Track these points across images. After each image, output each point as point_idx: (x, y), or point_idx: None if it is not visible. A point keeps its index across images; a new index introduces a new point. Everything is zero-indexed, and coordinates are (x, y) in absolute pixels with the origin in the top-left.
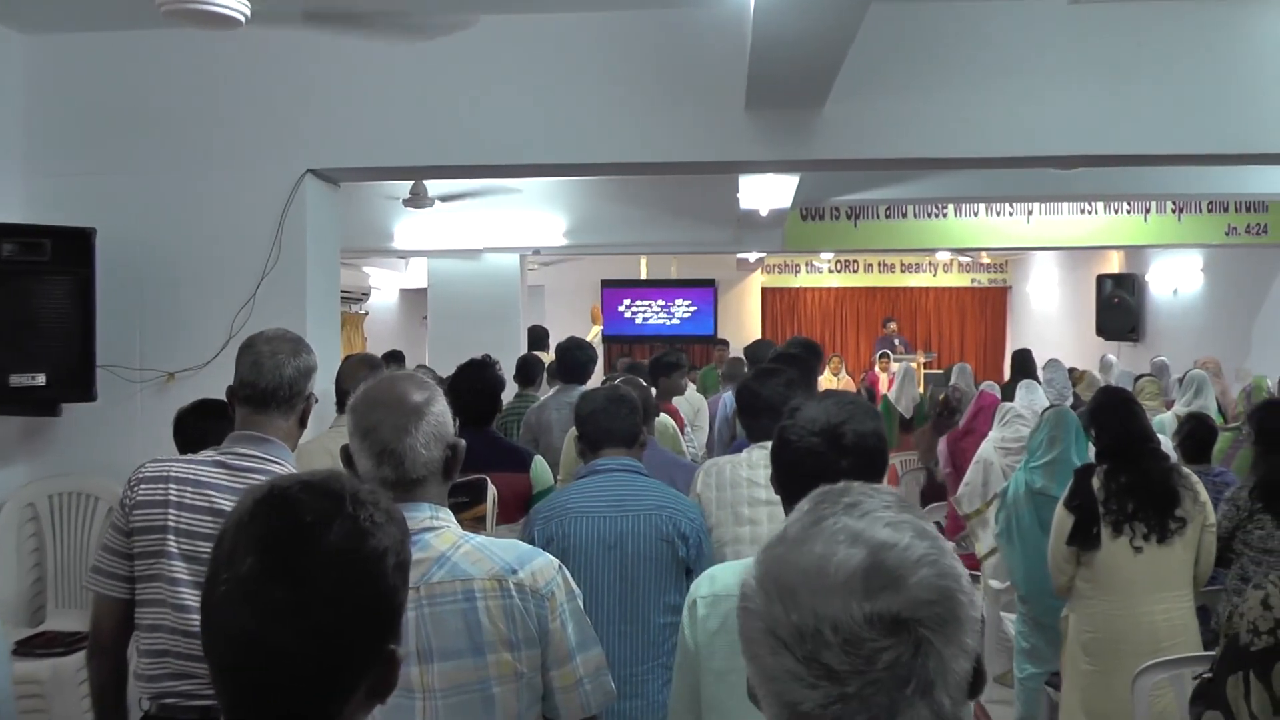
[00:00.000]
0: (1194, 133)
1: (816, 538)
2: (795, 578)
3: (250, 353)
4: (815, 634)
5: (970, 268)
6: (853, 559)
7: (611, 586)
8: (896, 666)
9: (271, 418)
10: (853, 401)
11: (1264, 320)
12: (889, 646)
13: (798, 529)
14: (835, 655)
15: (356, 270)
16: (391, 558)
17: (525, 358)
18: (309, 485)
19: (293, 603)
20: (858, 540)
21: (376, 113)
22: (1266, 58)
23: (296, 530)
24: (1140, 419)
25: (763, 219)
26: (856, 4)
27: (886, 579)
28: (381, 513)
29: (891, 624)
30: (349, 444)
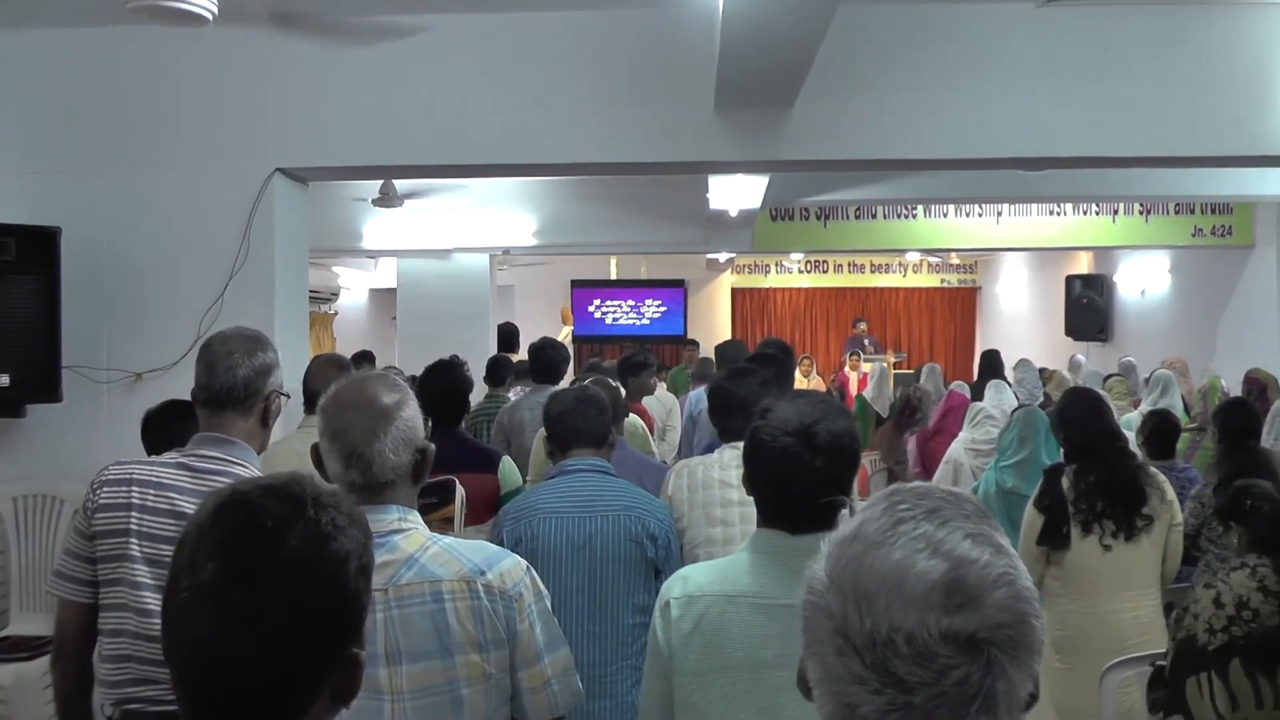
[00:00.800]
0: (1160, 135)
1: (895, 542)
2: (872, 584)
3: (206, 354)
4: (888, 643)
5: (940, 268)
6: (933, 571)
7: (580, 587)
8: (965, 684)
9: (230, 419)
10: (824, 401)
11: (1229, 320)
12: (960, 664)
13: (875, 530)
14: (905, 665)
15: (325, 270)
16: (354, 561)
17: (494, 358)
18: (270, 489)
19: (254, 608)
20: (938, 551)
21: (345, 112)
22: (1232, 62)
23: (257, 535)
24: (1108, 419)
25: (732, 219)
26: (825, 5)
27: (965, 597)
28: (344, 516)
29: (966, 643)
30: (319, 444)
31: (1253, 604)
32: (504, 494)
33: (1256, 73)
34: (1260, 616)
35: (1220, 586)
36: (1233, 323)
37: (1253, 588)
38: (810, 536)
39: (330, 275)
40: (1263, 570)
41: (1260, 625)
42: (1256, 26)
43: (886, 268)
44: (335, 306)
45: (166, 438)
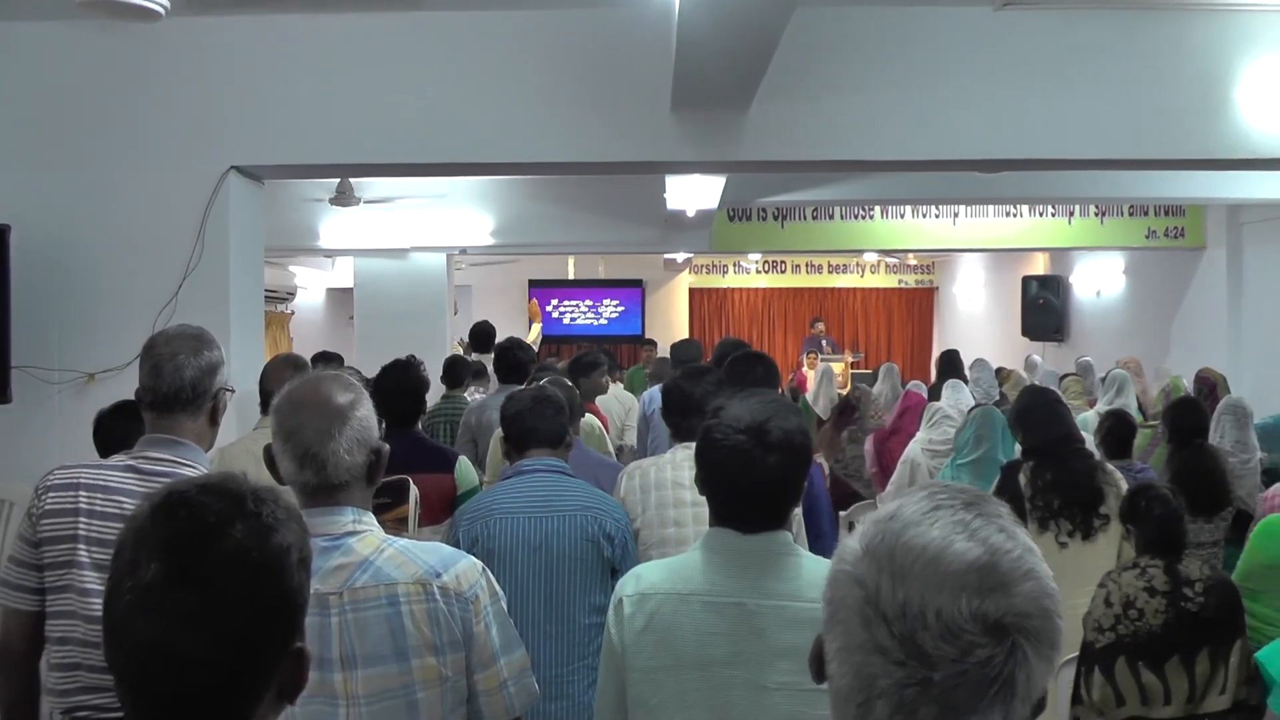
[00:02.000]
0: (1115, 138)
1: (934, 522)
2: (910, 557)
3: (150, 356)
4: (919, 615)
5: (897, 269)
6: (970, 552)
7: (536, 587)
8: (988, 666)
9: (178, 420)
10: (775, 399)
11: (1182, 320)
12: (985, 645)
13: (914, 511)
14: (932, 640)
15: (282, 269)
16: (295, 554)
17: (451, 358)
18: (207, 487)
19: (200, 607)
20: (974, 536)
21: (300, 110)
22: (1185, 67)
23: (199, 533)
24: (1065, 419)
25: (690, 219)
26: (782, 7)
27: (998, 581)
28: (282, 509)
29: (993, 626)
30: (273, 445)
31: (1139, 604)
32: (461, 494)
33: (1208, 77)
34: (1145, 616)
35: (1110, 586)
36: (1185, 323)
37: (1140, 588)
38: (762, 536)
39: (287, 274)
40: (1152, 570)
41: (1145, 624)
42: (1209, 32)
43: (844, 268)
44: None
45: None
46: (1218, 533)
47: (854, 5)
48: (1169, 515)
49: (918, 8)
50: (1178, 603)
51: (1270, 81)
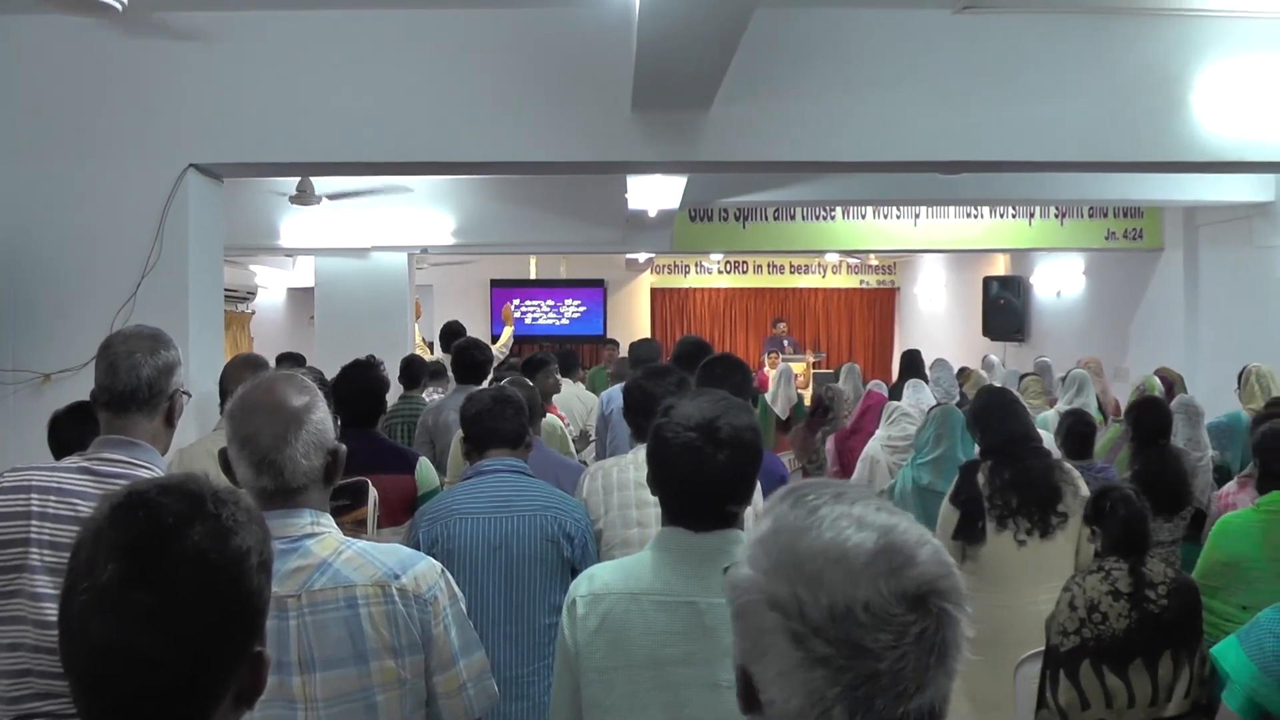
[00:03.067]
0: (1073, 140)
1: (819, 525)
2: (817, 563)
3: (106, 355)
4: (847, 614)
5: (859, 269)
6: (867, 541)
7: (497, 588)
8: (924, 638)
9: (134, 420)
10: (725, 398)
11: (1140, 321)
12: (915, 620)
13: (794, 519)
14: (869, 634)
15: (242, 268)
16: (254, 556)
17: (409, 359)
18: (167, 488)
19: (157, 608)
20: (863, 524)
21: (260, 107)
22: (1142, 70)
23: (158, 533)
24: (1022, 418)
25: (651, 219)
26: (741, 7)
27: (902, 558)
28: (242, 511)
29: (915, 599)
30: (228, 449)
31: (1102, 607)
32: (421, 495)
33: (1166, 81)
34: (1109, 619)
35: (1075, 590)
36: (1143, 323)
37: (1104, 591)
38: (714, 534)
39: (247, 274)
40: (1117, 573)
41: (1109, 627)
42: (1165, 36)
43: (806, 268)
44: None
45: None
46: (1177, 532)
47: (814, 7)
48: (1133, 516)
49: (878, 10)
50: (1141, 605)
51: (1225, 85)
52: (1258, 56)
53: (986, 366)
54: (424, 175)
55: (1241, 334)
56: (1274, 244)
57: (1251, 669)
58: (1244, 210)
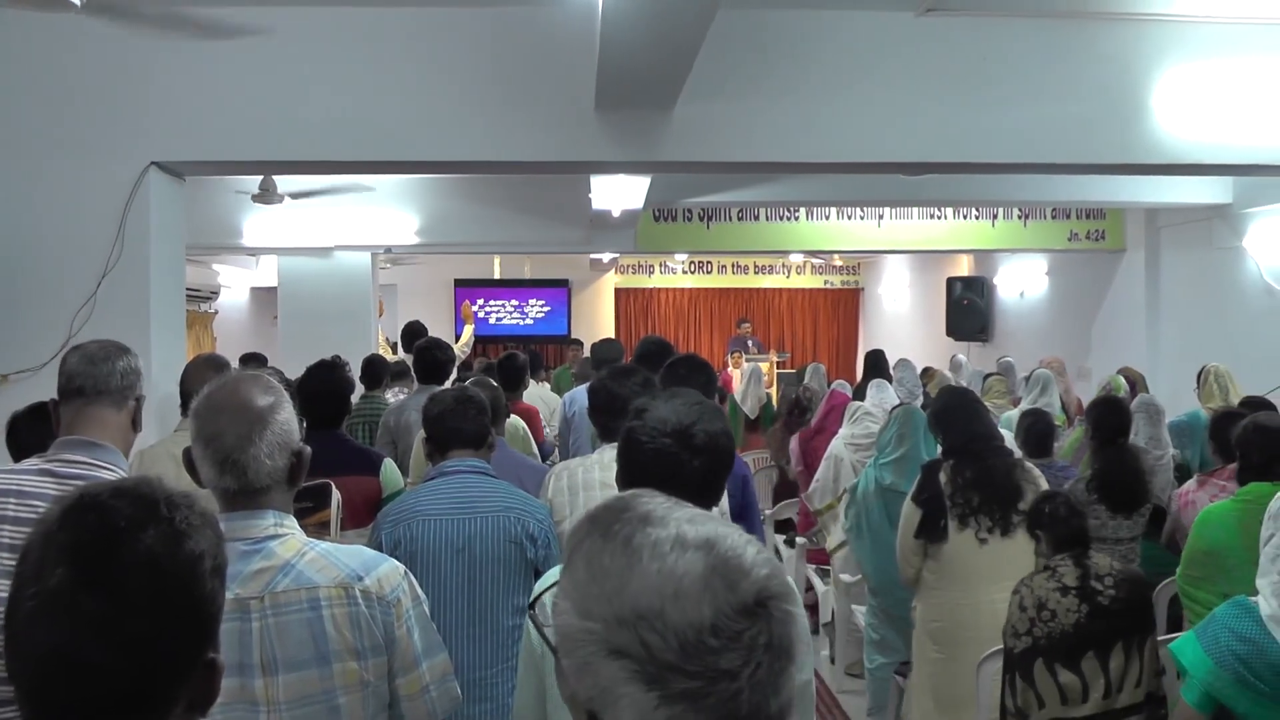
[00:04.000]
0: (1035, 142)
1: (641, 559)
2: (654, 600)
3: (75, 352)
4: (698, 644)
5: (823, 269)
6: (696, 563)
7: (460, 589)
8: (771, 645)
9: (104, 411)
10: (699, 401)
11: (1103, 321)
12: (760, 629)
13: (610, 559)
14: (723, 656)
15: (205, 268)
16: (208, 561)
17: (370, 359)
18: (119, 491)
19: (107, 613)
20: (684, 545)
21: (222, 105)
22: (1103, 74)
23: (109, 537)
24: (983, 418)
25: (615, 219)
26: (704, 8)
27: (733, 569)
28: (196, 515)
29: (755, 608)
30: (192, 449)
31: (1050, 604)
32: (385, 496)
33: (1126, 84)
34: (1058, 616)
35: (1023, 591)
36: (1106, 323)
37: (1051, 589)
38: None
39: (210, 273)
40: (1063, 569)
41: (1058, 624)
42: (1126, 40)
43: (770, 269)
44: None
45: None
46: (1136, 529)
47: (778, 9)
48: (1073, 512)
49: (841, 11)
50: (1089, 597)
51: (1184, 89)
52: (1215, 61)
53: (954, 367)
54: (387, 174)
55: (1201, 334)
56: (1233, 245)
57: (1208, 664)
58: (1203, 212)
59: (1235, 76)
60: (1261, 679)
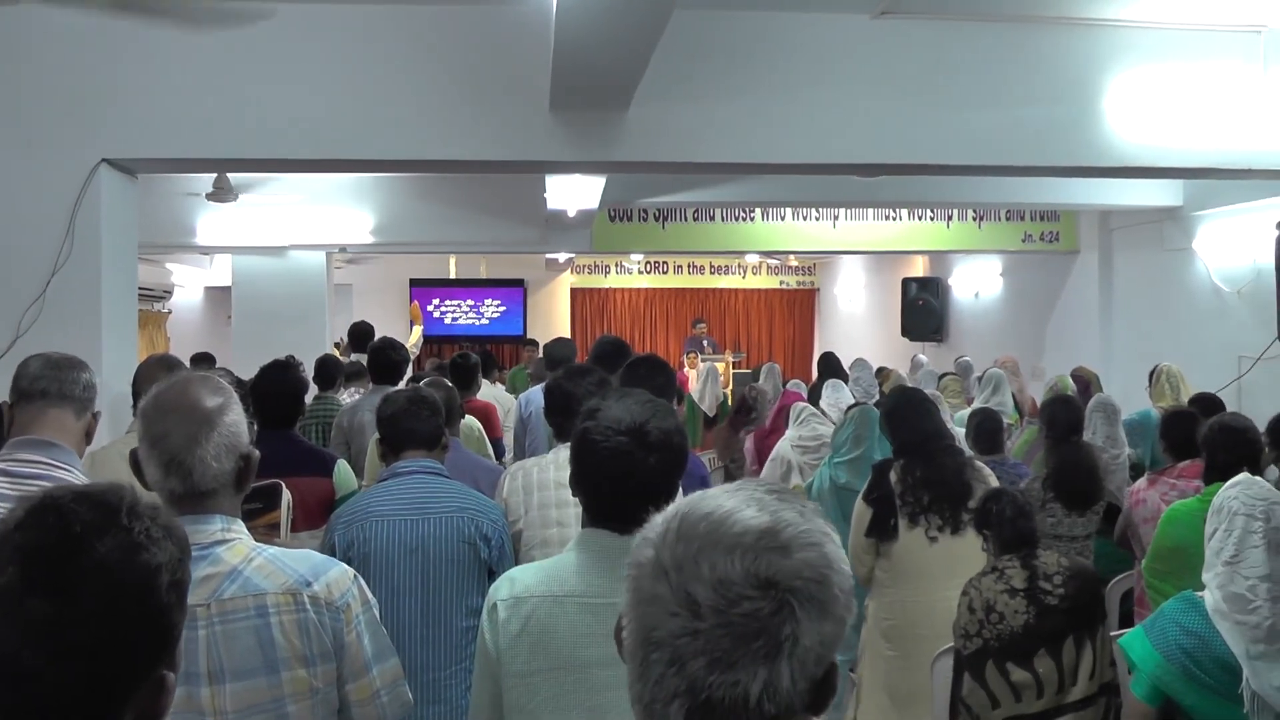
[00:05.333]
0: (989, 145)
1: (731, 497)
2: (696, 519)
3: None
4: (694, 565)
5: (779, 270)
6: (755, 519)
7: (413, 591)
8: (753, 618)
9: (65, 414)
10: (651, 400)
11: (1057, 321)
12: (753, 598)
13: (721, 491)
14: (703, 590)
15: (159, 267)
16: (166, 575)
17: (323, 359)
18: (83, 495)
19: (54, 617)
20: (765, 508)
21: (175, 102)
22: (1057, 78)
23: (63, 540)
24: (933, 417)
25: (570, 219)
26: (659, 8)
27: (776, 545)
28: (159, 528)
29: (764, 582)
30: (138, 449)
31: (998, 606)
32: (339, 498)
33: (1079, 88)
34: (1006, 618)
35: (972, 593)
36: (1059, 323)
37: (999, 590)
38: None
39: (163, 272)
40: (1011, 570)
41: (1006, 626)
42: (1079, 45)
43: (726, 269)
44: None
45: None
46: (1090, 526)
47: (734, 10)
48: (1020, 513)
49: (796, 13)
50: (1037, 598)
51: (1135, 94)
52: (1166, 66)
53: (914, 367)
54: (341, 173)
55: (1152, 334)
56: (1183, 247)
57: (1156, 658)
58: (1155, 214)
59: (1185, 82)
60: (1207, 672)
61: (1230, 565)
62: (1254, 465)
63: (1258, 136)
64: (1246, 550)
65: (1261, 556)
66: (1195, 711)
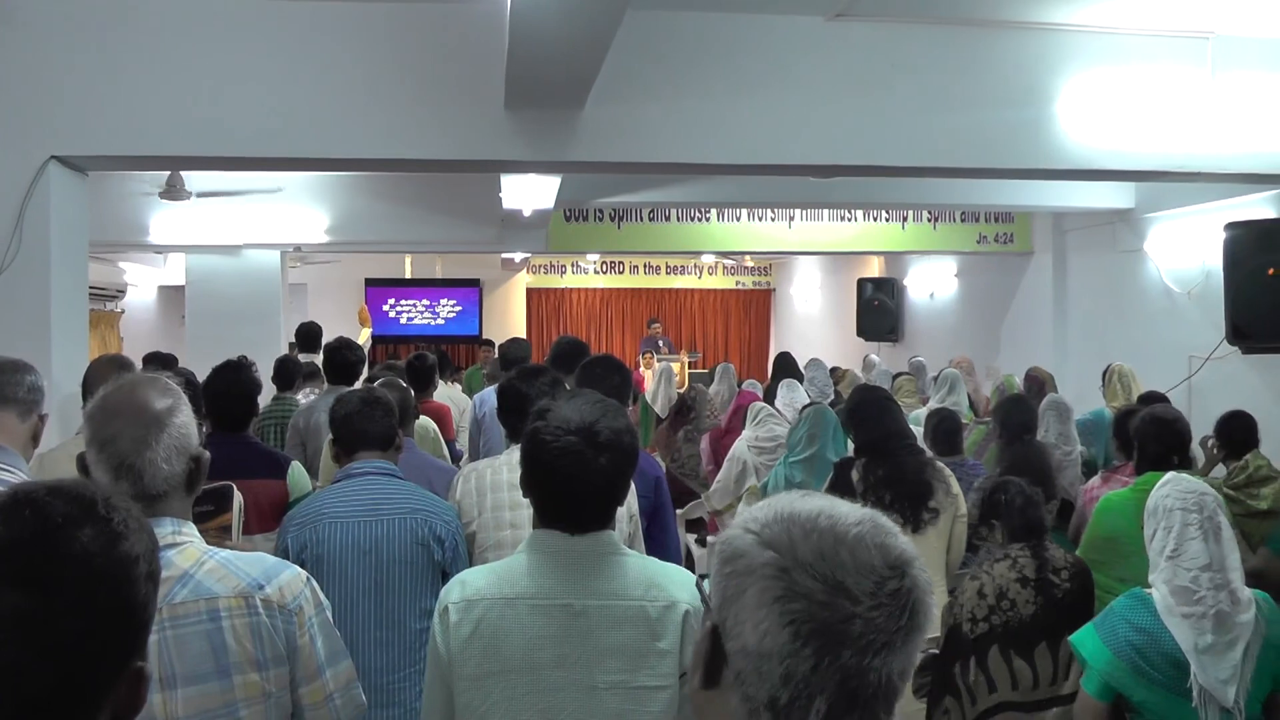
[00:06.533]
0: (943, 147)
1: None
2: (810, 517)
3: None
4: (835, 555)
5: (735, 270)
6: (855, 513)
7: (366, 593)
8: (898, 595)
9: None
10: (601, 400)
11: (1011, 321)
12: (892, 576)
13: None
14: (851, 576)
15: (111, 265)
16: (143, 565)
17: (282, 359)
18: (57, 489)
19: (34, 611)
20: (854, 509)
21: (126, 99)
22: (1010, 81)
23: (44, 533)
24: (896, 416)
25: (526, 219)
26: (612, 7)
27: (885, 530)
28: (133, 519)
29: (895, 561)
30: (86, 453)
31: (1011, 594)
32: (293, 500)
33: (1032, 91)
34: (1017, 606)
35: (984, 578)
36: (1014, 324)
37: (1012, 579)
38: (589, 536)
39: (116, 271)
40: (1022, 560)
41: (1017, 614)
42: (1032, 49)
43: (682, 269)
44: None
45: None
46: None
47: (689, 10)
48: (1029, 502)
49: (752, 15)
50: (1047, 589)
51: (1086, 97)
52: (1116, 70)
53: (867, 366)
54: (294, 171)
55: (1105, 334)
56: (1135, 249)
57: (1106, 654)
58: (1107, 216)
59: (1135, 86)
60: (1156, 668)
61: (1172, 560)
62: (1183, 454)
63: (1206, 140)
64: (1186, 543)
65: (1200, 547)
66: (1145, 706)
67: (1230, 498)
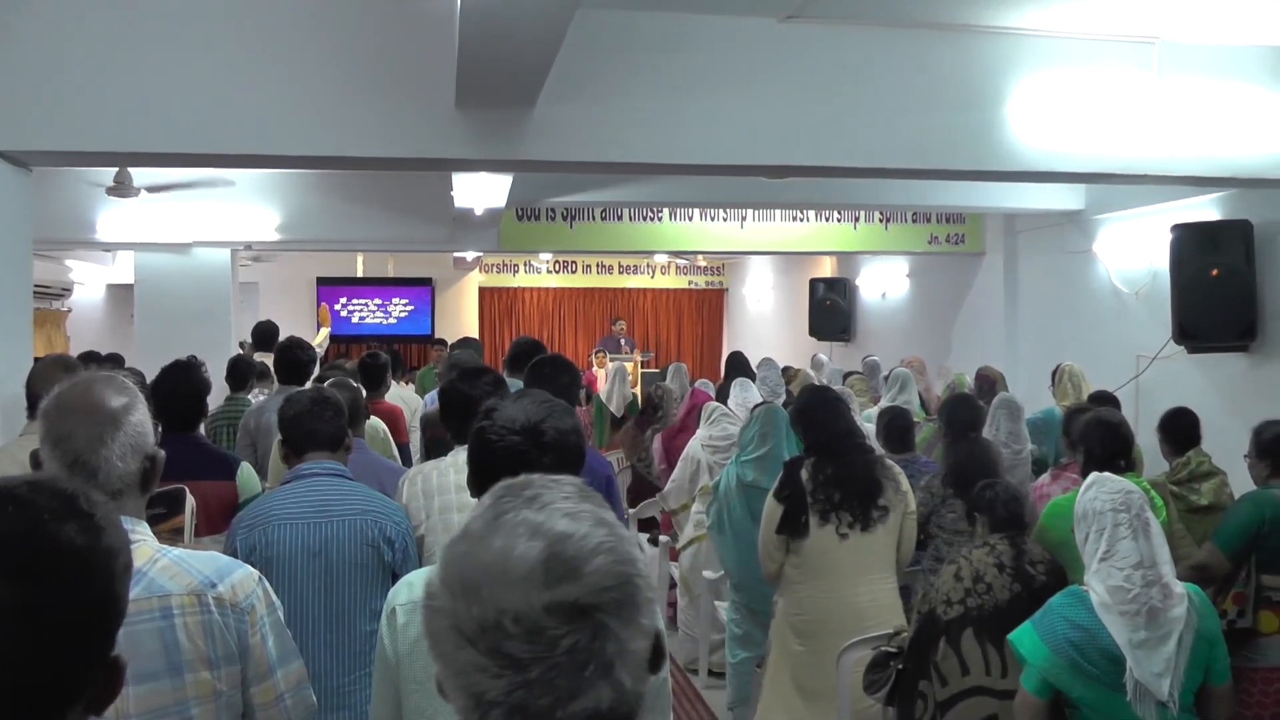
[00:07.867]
0: (894, 148)
1: (497, 532)
2: (477, 574)
3: None
4: (497, 626)
5: (688, 270)
6: (532, 551)
7: (316, 595)
8: (576, 651)
9: None
10: (548, 399)
11: (963, 321)
12: (568, 632)
13: (480, 525)
14: (517, 645)
15: (57, 263)
16: (121, 558)
17: (235, 359)
18: (37, 484)
19: (24, 603)
20: (537, 533)
21: (72, 92)
22: (960, 83)
23: (32, 527)
24: (845, 415)
25: (478, 218)
26: (564, 5)
27: (565, 569)
28: (110, 514)
29: (571, 611)
30: (40, 450)
31: (987, 578)
32: (243, 501)
33: (982, 94)
34: (993, 590)
35: (961, 562)
36: (966, 323)
37: (990, 564)
38: None
39: (62, 269)
40: (1001, 548)
41: (993, 598)
42: (982, 51)
43: (635, 269)
44: (68, 303)
45: None
46: None
47: (641, 10)
48: (1013, 498)
49: (704, 16)
50: (1023, 578)
51: (1036, 100)
52: (1065, 72)
53: (816, 365)
54: (242, 168)
55: (1056, 334)
56: (1084, 249)
57: (1044, 652)
58: (1058, 218)
59: (1084, 89)
60: (1093, 664)
61: (1105, 561)
62: (1127, 457)
63: (1152, 144)
64: (1117, 544)
65: (1131, 546)
66: (1082, 702)
67: (1174, 494)
